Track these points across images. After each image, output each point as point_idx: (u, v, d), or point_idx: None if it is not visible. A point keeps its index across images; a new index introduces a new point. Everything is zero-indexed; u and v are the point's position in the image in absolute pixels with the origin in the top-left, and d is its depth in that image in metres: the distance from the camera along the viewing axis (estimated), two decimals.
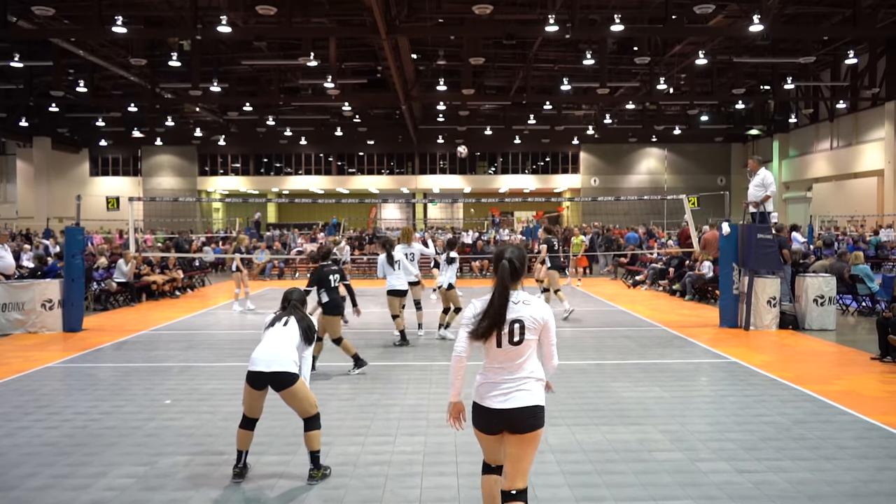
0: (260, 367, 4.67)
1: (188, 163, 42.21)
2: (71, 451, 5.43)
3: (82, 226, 11.40)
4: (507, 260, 3.46)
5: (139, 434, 5.84)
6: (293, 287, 5.41)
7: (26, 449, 5.48)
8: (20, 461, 5.21)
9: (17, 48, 24.23)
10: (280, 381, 4.66)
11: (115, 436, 5.79)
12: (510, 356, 3.44)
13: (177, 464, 5.14)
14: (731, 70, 27.61)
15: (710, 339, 10.24)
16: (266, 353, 4.71)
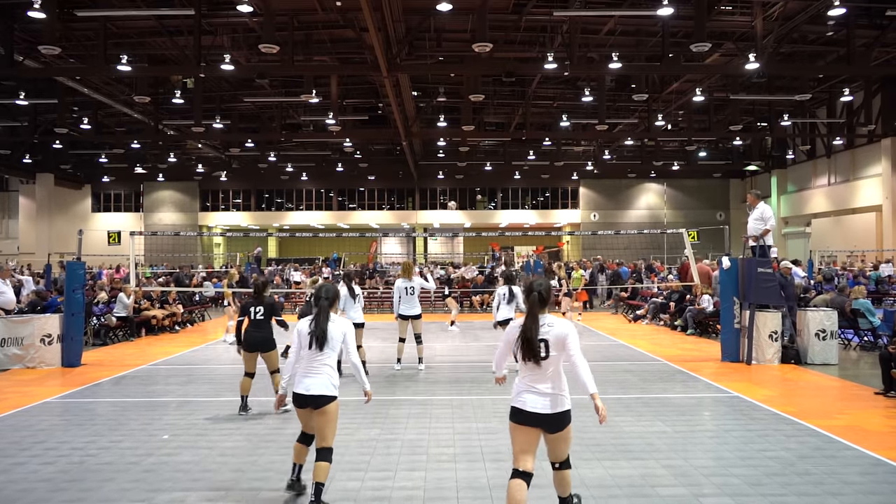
0: (300, 389, 4.92)
1: (190, 198, 42.43)
2: (67, 486, 5.37)
3: (83, 261, 11.41)
4: (536, 292, 4.21)
5: (137, 469, 5.77)
6: (326, 284, 5.32)
7: (22, 485, 5.41)
8: (15, 497, 5.14)
9: (23, 86, 24.58)
10: (319, 401, 4.86)
11: (112, 471, 5.72)
12: (539, 369, 4.18)
13: (174, 500, 5.08)
14: (728, 107, 27.91)
15: (713, 374, 10.18)
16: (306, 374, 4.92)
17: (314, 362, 4.89)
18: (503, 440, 6.58)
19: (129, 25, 20.79)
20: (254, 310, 7.81)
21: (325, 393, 4.82)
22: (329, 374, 4.89)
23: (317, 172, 41.38)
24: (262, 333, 7.78)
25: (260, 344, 7.79)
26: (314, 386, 4.82)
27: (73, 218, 40.45)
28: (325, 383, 4.85)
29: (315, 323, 4.93)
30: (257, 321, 7.77)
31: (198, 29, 19.22)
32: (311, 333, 4.90)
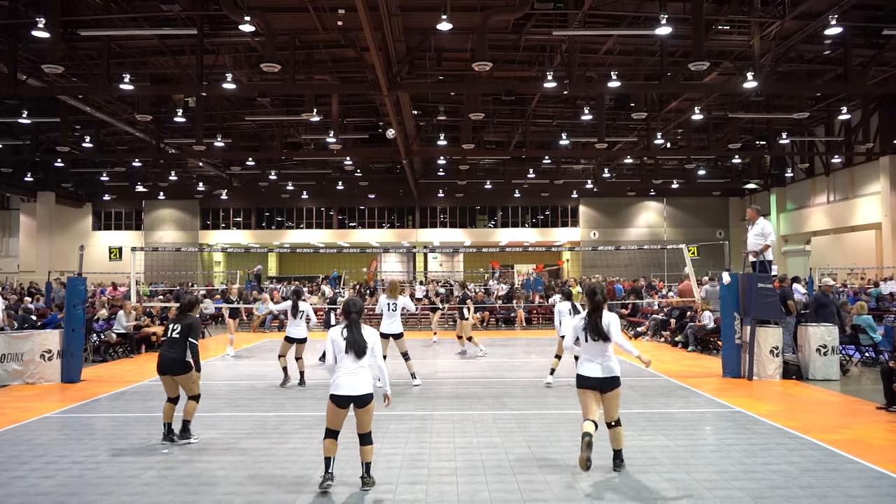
0: (344, 391, 5.52)
1: (190, 217, 42.52)
2: (66, 500, 5.34)
3: (84, 276, 11.42)
4: (599, 294, 6.17)
5: (136, 483, 5.74)
6: (353, 298, 5.98)
7: (21, 498, 5.38)
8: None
9: (26, 105, 24.73)
10: (363, 401, 5.54)
11: (112, 485, 5.69)
12: (598, 346, 6.00)
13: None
14: (726, 125, 28.07)
15: (714, 389, 10.14)
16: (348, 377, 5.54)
17: (354, 366, 5.55)
18: (504, 454, 6.58)
19: (131, 45, 20.96)
20: (171, 327, 7.20)
21: (368, 392, 5.54)
22: (367, 376, 5.59)
23: (317, 191, 41.50)
24: (174, 354, 7.00)
25: (170, 366, 7.00)
26: (359, 387, 5.50)
27: (74, 236, 40.49)
28: (367, 384, 5.55)
29: (350, 333, 5.60)
30: (172, 339, 7.10)
31: (200, 48, 19.40)
32: (347, 342, 5.56)
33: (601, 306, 6.10)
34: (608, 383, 5.94)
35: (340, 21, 18.45)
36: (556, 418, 8.23)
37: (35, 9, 17.13)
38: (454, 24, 16.24)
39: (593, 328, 5.96)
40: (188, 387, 7.12)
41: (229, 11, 16.70)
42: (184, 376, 7.06)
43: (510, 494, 5.43)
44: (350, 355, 5.54)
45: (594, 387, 5.92)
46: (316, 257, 41.55)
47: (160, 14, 17.98)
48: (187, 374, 7.05)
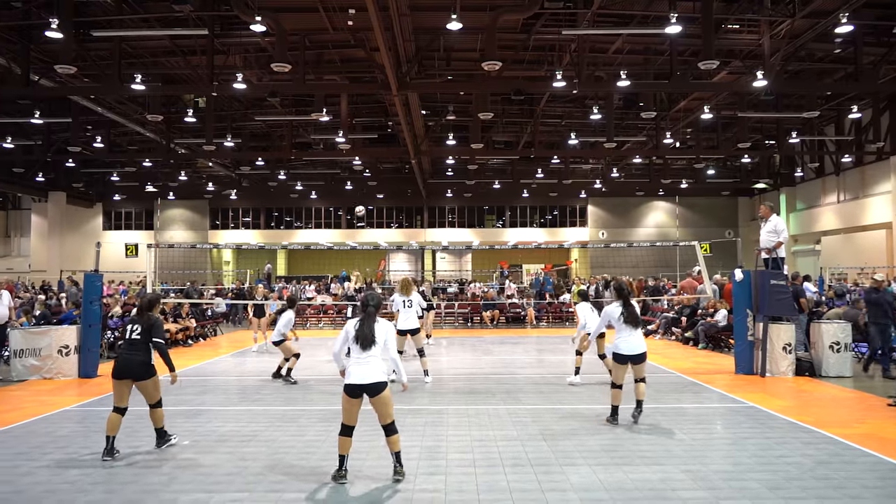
0: (355, 380, 5.53)
1: (200, 217, 42.73)
2: (90, 489, 5.43)
3: (101, 273, 11.54)
4: (626, 291, 7.86)
5: (158, 473, 5.83)
6: (372, 292, 6.13)
7: (46, 486, 5.48)
8: (41, 498, 5.21)
9: (38, 105, 24.91)
10: (374, 389, 5.53)
11: (134, 475, 5.78)
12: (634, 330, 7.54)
13: (197, 500, 5.13)
14: (736, 125, 28.01)
15: (727, 386, 10.16)
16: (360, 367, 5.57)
17: (363, 356, 5.60)
18: (521, 448, 6.63)
19: (143, 45, 21.11)
20: (131, 327, 6.65)
21: (379, 380, 5.53)
22: (377, 365, 5.59)
23: (326, 191, 41.62)
24: (138, 357, 6.47)
25: (131, 370, 6.42)
26: (369, 376, 5.52)
27: (85, 236, 40.75)
28: (377, 372, 5.55)
29: (362, 325, 5.68)
30: (132, 341, 6.54)
31: (211, 49, 19.53)
32: (358, 334, 5.65)
33: (630, 299, 7.72)
34: (641, 357, 7.51)
35: (351, 21, 18.54)
36: (570, 413, 8.27)
37: (48, 10, 17.27)
38: (464, 24, 16.29)
39: (633, 317, 7.53)
40: (150, 393, 6.50)
41: (240, 12, 16.81)
42: (147, 381, 6.44)
43: (528, 485, 5.49)
44: (358, 346, 5.63)
45: (628, 362, 7.48)
46: (324, 257, 41.66)
47: (171, 15, 18.10)
48: (151, 378, 6.47)
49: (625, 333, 7.51)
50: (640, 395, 7.63)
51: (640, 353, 7.52)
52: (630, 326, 7.52)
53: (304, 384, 10.58)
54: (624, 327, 7.53)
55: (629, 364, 7.50)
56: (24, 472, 5.86)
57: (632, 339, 7.49)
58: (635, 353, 7.47)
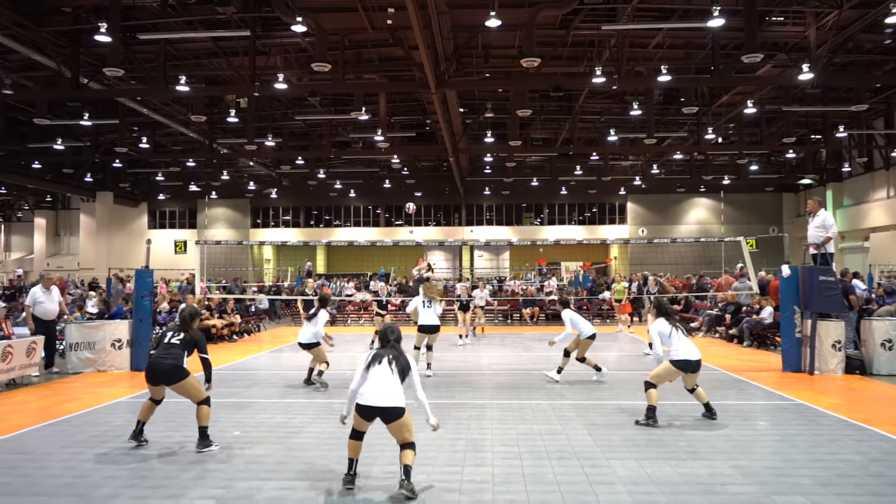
0: (371, 402, 5.15)
1: (241, 215, 43.46)
2: (148, 475, 5.61)
3: (151, 269, 11.86)
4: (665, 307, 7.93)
5: (212, 461, 5.99)
6: (391, 324, 5.72)
7: (107, 472, 5.68)
8: (102, 483, 5.40)
9: (87, 107, 25.63)
10: (391, 414, 5.15)
11: (189, 462, 5.95)
12: (689, 338, 7.68)
13: (252, 488, 5.26)
14: (780, 119, 27.46)
15: (774, 383, 10.00)
16: (377, 389, 5.17)
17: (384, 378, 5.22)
18: (566, 441, 6.64)
19: (187, 47, 21.54)
20: (171, 334, 6.66)
21: (397, 404, 5.15)
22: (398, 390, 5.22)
23: (364, 189, 41.97)
24: (171, 360, 6.42)
25: (165, 374, 6.37)
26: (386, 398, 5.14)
27: (131, 235, 41.81)
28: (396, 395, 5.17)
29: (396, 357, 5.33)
30: (169, 345, 6.55)
31: (252, 50, 19.83)
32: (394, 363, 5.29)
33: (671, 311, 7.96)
34: (699, 364, 7.61)
35: (390, 20, 18.68)
36: (615, 408, 8.24)
37: (96, 14, 17.77)
38: (502, 21, 16.28)
39: (685, 325, 7.87)
40: (188, 393, 6.47)
41: (281, 13, 17.07)
42: (182, 383, 6.41)
43: (575, 477, 5.50)
44: (382, 366, 5.24)
45: (693, 368, 7.49)
46: (363, 254, 42.05)
47: (214, 17, 18.46)
48: (184, 379, 6.41)
49: (683, 342, 7.52)
50: (703, 399, 7.61)
51: (700, 359, 7.57)
52: (686, 335, 7.63)
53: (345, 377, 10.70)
54: (680, 336, 7.55)
55: (684, 372, 7.44)
56: (85, 459, 6.08)
57: (690, 346, 7.53)
58: (699, 357, 7.50)
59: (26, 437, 6.98)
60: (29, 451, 6.35)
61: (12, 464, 5.96)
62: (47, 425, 7.49)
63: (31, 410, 8.32)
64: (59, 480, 5.48)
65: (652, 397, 7.37)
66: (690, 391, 7.62)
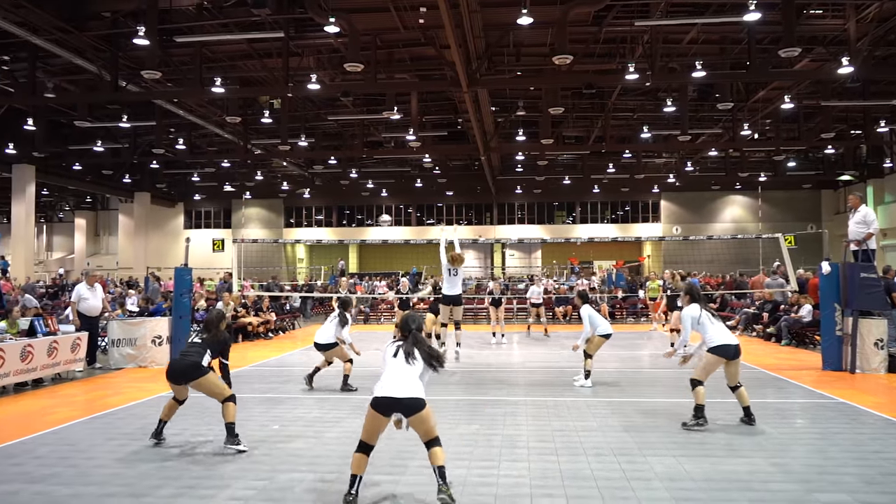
0: (389, 392, 4.88)
1: (275, 215, 43.99)
2: (193, 466, 5.75)
3: (190, 267, 12.10)
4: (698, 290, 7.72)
5: (255, 454, 6.12)
6: (411, 313, 5.56)
7: (154, 463, 5.84)
8: (149, 473, 5.55)
9: (125, 110, 26.18)
10: (410, 406, 4.85)
11: (231, 455, 6.08)
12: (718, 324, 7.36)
13: (293, 479, 5.37)
14: (819, 114, 26.91)
15: (814, 382, 9.84)
16: (394, 381, 4.94)
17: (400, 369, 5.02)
18: (602, 437, 6.63)
19: (222, 49, 21.86)
20: (195, 334, 6.73)
21: (418, 395, 4.88)
22: (416, 381, 4.98)
23: (396, 188, 42.16)
24: (189, 358, 6.39)
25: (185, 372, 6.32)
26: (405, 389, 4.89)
27: (167, 234, 42.63)
28: (416, 387, 4.93)
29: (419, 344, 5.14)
30: (192, 343, 6.63)
31: (286, 51, 20.07)
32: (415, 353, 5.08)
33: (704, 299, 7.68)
34: (740, 351, 7.25)
35: (422, 19, 18.74)
36: (651, 406, 8.20)
37: (134, 18, 18.16)
38: (534, 18, 16.22)
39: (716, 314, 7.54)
40: (210, 390, 6.40)
41: (314, 13, 17.23)
42: (202, 380, 6.33)
43: (612, 473, 5.50)
44: (400, 357, 5.07)
45: (734, 354, 7.15)
46: (394, 253, 42.29)
47: (248, 19, 18.70)
48: (203, 376, 6.33)
49: (718, 327, 7.24)
50: (744, 401, 7.16)
51: (738, 345, 7.21)
52: (719, 320, 7.39)
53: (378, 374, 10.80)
54: (714, 322, 7.27)
55: (725, 359, 7.08)
56: (132, 450, 6.25)
57: (725, 331, 7.28)
58: (737, 342, 7.20)
59: (74, 429, 7.19)
60: (77, 443, 6.54)
61: (62, 454, 6.16)
62: (93, 418, 7.71)
63: (77, 404, 8.57)
64: (107, 470, 5.65)
65: (700, 395, 7.00)
66: (733, 389, 7.19)
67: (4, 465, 5.86)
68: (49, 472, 5.60)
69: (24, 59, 20.56)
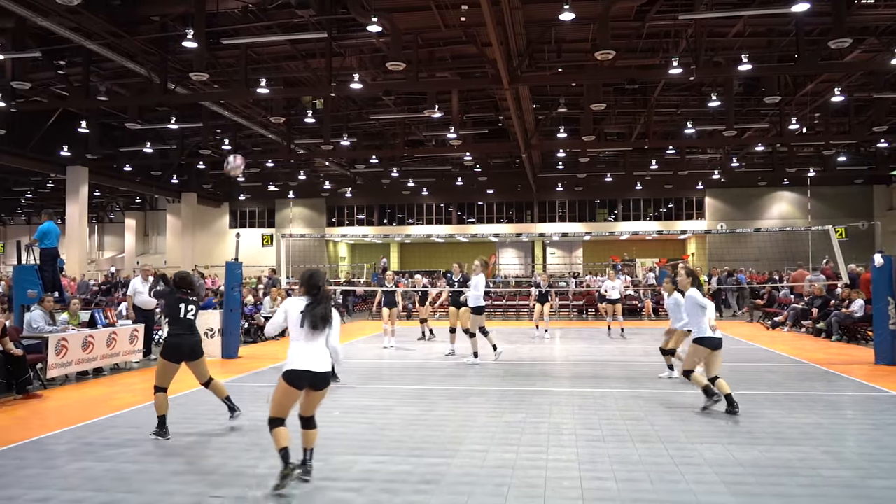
0: (306, 366, 4.82)
1: (317, 214, 44.62)
2: (250, 448, 5.96)
3: (240, 261, 12.43)
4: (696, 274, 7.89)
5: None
6: (316, 269, 5.32)
7: (215, 444, 6.11)
8: (212, 454, 5.82)
9: (174, 112, 26.90)
10: (323, 380, 4.92)
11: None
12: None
13: (347, 461, 5.54)
14: (870, 107, 26.22)
15: (866, 375, 9.66)
16: (309, 352, 4.88)
17: (312, 339, 4.90)
18: (650, 426, 6.67)
19: (267, 51, 22.29)
20: (184, 307, 6.53)
21: (329, 370, 4.95)
22: (326, 353, 4.96)
23: (437, 187, 42.37)
24: (196, 336, 6.62)
25: (196, 350, 6.56)
26: (319, 363, 4.88)
27: (213, 234, 43.62)
28: (327, 360, 4.95)
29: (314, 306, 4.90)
30: (187, 320, 6.57)
31: (329, 51, 20.37)
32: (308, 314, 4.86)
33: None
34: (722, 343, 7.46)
35: (463, 17, 18.84)
36: (698, 399, 8.13)
37: (182, 22, 18.67)
38: (576, 14, 16.18)
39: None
40: (204, 371, 6.62)
41: (357, 13, 17.48)
42: (201, 360, 6.57)
43: (660, 458, 5.53)
44: (307, 328, 4.86)
45: (717, 346, 7.32)
46: (436, 251, 42.49)
47: (292, 20, 19.06)
48: (202, 357, 6.60)
49: (707, 317, 7.28)
50: (728, 389, 7.20)
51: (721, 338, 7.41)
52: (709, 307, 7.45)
53: (424, 366, 10.98)
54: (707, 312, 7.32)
55: (711, 350, 7.28)
56: (194, 432, 6.55)
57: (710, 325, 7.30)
58: (721, 336, 7.40)
59: (137, 413, 7.52)
60: (141, 426, 6.83)
61: (128, 436, 6.46)
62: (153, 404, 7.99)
63: (137, 391, 8.90)
64: (170, 450, 5.93)
65: (698, 379, 7.27)
66: (713, 380, 7.26)
67: (75, 444, 6.18)
68: (116, 452, 5.89)
69: (79, 63, 21.25)
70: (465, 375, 10.02)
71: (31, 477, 5.23)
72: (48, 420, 7.35)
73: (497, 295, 24.61)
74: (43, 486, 4.99)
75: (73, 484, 5.04)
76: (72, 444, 6.18)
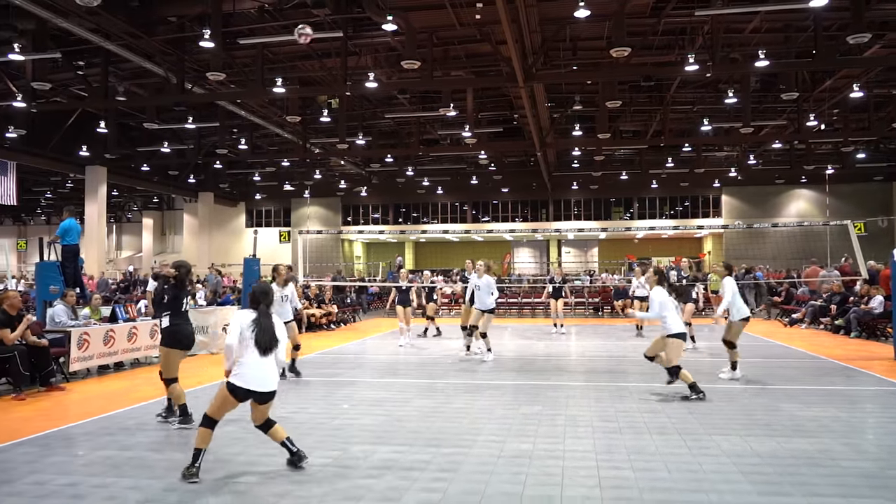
0: (254, 386, 4.97)
1: (333, 213, 44.80)
2: (269, 440, 6.01)
3: (258, 258, 12.55)
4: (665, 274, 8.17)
5: (327, 428, 6.40)
6: (261, 284, 5.55)
7: (236, 435, 6.18)
8: (229, 444, 5.88)
9: (191, 112, 27.13)
10: (267, 398, 5.07)
11: (307, 429, 6.36)
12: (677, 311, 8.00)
13: (366, 451, 5.60)
14: (890, 103, 25.95)
15: (885, 370, 9.59)
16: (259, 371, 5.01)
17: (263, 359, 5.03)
18: (666, 418, 6.68)
19: (282, 50, 22.39)
20: (186, 300, 6.81)
21: (275, 388, 5.09)
22: (275, 370, 5.13)
23: (452, 185, 42.40)
24: (191, 326, 6.91)
25: (189, 337, 6.80)
26: (268, 382, 5.02)
27: (229, 233, 43.92)
28: (275, 378, 5.11)
29: (259, 326, 5.03)
30: (186, 312, 6.83)
31: (344, 50, 20.46)
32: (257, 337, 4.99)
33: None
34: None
35: (478, 15, 18.87)
36: (714, 392, 8.13)
37: (199, 22, 18.82)
38: (591, 11, 16.16)
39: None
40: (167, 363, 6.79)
41: (372, 13, 17.54)
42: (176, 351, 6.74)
43: (678, 450, 5.55)
44: (257, 349, 4.99)
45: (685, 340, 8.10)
46: (450, 250, 42.57)
47: (308, 20, 19.16)
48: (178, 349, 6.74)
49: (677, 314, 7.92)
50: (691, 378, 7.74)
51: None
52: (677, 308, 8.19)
53: (438, 361, 11.03)
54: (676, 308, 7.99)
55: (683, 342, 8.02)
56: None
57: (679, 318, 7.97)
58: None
59: (158, 405, 7.58)
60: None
61: (151, 426, 6.61)
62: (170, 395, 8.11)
63: (158, 384, 8.88)
64: (192, 439, 5.97)
65: (686, 376, 7.66)
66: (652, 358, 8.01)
67: (98, 434, 6.29)
68: (138, 441, 6.00)
69: (97, 64, 21.46)
70: (481, 370, 10.07)
71: (57, 464, 5.34)
72: (72, 411, 7.49)
73: (511, 292, 24.64)
74: (69, 473, 5.10)
75: (98, 471, 5.15)
76: (95, 434, 6.30)
